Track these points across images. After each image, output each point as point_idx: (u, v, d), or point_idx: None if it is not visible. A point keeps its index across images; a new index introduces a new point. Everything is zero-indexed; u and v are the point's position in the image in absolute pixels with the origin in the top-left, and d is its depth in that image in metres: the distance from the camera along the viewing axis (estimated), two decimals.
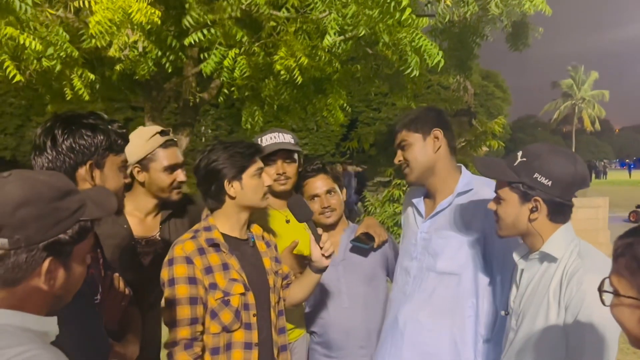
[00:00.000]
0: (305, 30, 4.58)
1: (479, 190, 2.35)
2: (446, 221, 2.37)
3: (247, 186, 2.17)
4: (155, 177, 2.38)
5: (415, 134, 2.37)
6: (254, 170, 2.19)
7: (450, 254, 2.34)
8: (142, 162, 2.37)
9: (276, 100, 5.83)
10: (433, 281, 2.37)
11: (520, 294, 1.95)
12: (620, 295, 1.20)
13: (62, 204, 1.21)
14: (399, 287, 2.49)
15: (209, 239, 2.13)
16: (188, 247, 2.08)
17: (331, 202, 2.73)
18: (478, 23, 6.56)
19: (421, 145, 2.36)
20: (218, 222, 2.20)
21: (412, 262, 2.45)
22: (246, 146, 2.22)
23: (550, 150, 1.87)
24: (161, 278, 2.10)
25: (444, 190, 2.39)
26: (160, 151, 2.39)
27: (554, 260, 1.85)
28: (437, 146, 2.35)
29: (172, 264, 2.07)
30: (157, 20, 3.90)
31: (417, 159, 2.36)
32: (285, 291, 2.39)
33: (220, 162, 2.15)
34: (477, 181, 2.40)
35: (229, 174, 2.15)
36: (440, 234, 2.37)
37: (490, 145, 10.13)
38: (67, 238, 1.21)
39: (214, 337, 2.08)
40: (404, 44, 4.17)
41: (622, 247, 1.20)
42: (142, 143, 2.37)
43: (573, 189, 1.87)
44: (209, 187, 2.18)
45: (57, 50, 4.10)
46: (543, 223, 1.86)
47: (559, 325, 1.78)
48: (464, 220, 2.34)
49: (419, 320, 2.38)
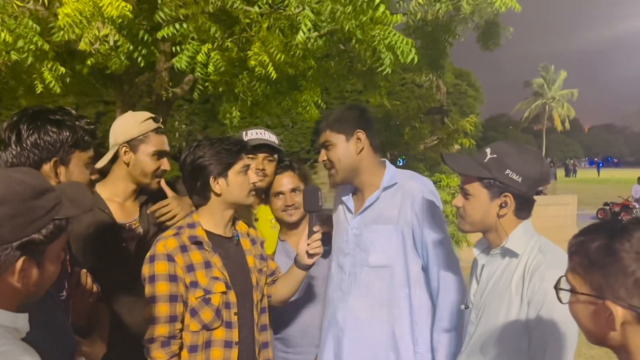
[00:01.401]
0: (279, 27, 4.58)
1: (403, 183, 2.41)
2: (375, 215, 2.43)
3: (233, 183, 2.17)
4: (142, 159, 2.37)
5: (338, 134, 2.40)
6: (239, 167, 2.19)
7: (381, 247, 2.40)
8: (131, 142, 2.35)
9: (250, 96, 5.81)
10: (367, 275, 2.42)
11: (481, 288, 1.99)
12: (576, 293, 1.24)
13: (38, 203, 1.21)
14: (335, 285, 2.52)
15: (192, 236, 2.12)
16: (170, 244, 2.07)
17: (295, 201, 2.75)
18: (450, 22, 6.62)
19: (344, 146, 2.40)
20: (202, 218, 2.19)
21: (345, 259, 2.49)
22: (232, 143, 2.21)
23: (520, 148, 1.93)
24: (142, 274, 2.09)
25: (371, 186, 2.45)
26: (152, 135, 2.38)
27: (515, 256, 1.89)
28: (360, 147, 2.40)
29: (153, 260, 2.06)
30: (128, 14, 3.86)
31: (340, 161, 2.40)
32: (271, 288, 2.39)
33: (206, 158, 2.14)
34: (401, 174, 2.47)
35: (215, 170, 2.14)
36: (370, 229, 2.42)
37: (462, 144, 10.27)
38: (41, 237, 1.21)
39: (193, 335, 2.08)
40: (377, 41, 4.19)
41: (575, 245, 1.24)
42: (135, 123, 2.36)
43: (538, 186, 1.93)
44: (195, 184, 2.17)
45: (27, 43, 4.03)
46: (509, 219, 1.91)
47: (521, 319, 1.82)
48: (391, 213, 2.40)
49: (357, 315, 2.43)
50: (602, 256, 1.17)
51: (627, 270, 1.13)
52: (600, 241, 1.18)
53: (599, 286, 1.18)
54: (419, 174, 2.56)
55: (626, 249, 1.14)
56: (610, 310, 1.15)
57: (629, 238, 1.14)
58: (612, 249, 1.16)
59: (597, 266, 1.17)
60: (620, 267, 1.14)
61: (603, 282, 1.17)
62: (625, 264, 1.13)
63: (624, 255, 1.14)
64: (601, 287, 1.17)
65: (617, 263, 1.14)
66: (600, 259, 1.17)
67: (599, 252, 1.18)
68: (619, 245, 1.15)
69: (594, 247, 1.19)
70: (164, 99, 6.07)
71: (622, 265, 1.13)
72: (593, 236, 1.21)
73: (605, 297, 1.16)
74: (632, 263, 1.12)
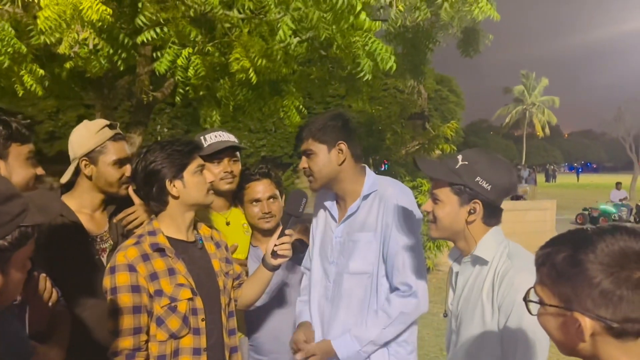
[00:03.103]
0: (259, 32, 4.59)
1: (381, 191, 2.45)
2: (356, 223, 2.46)
3: (190, 184, 2.12)
4: (104, 170, 2.32)
5: (320, 144, 2.41)
6: (194, 167, 2.14)
7: (361, 254, 2.43)
8: (90, 154, 2.31)
9: (232, 101, 5.80)
10: (348, 282, 2.45)
11: (457, 296, 2.02)
12: (544, 305, 1.24)
13: (3, 209, 1.18)
14: (320, 293, 2.54)
15: (154, 243, 2.07)
16: (131, 254, 2.02)
17: (272, 208, 2.76)
18: (431, 29, 6.68)
19: (326, 156, 2.41)
20: (162, 224, 2.14)
21: (330, 266, 2.52)
22: (184, 144, 2.17)
23: (491, 157, 1.96)
24: (103, 286, 2.03)
25: (352, 194, 2.48)
26: (110, 144, 2.33)
27: (485, 263, 1.91)
28: (342, 159, 2.42)
29: (114, 272, 2.00)
30: (108, 17, 3.85)
31: (321, 170, 2.42)
32: (237, 291, 2.36)
33: (159, 162, 2.09)
34: (381, 182, 2.50)
35: (169, 173, 2.10)
36: (352, 237, 2.46)
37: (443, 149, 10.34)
38: (6, 244, 1.18)
39: (161, 345, 2.03)
40: (356, 47, 4.22)
41: (542, 256, 1.25)
42: (91, 135, 2.31)
43: (506, 195, 1.96)
44: (150, 190, 2.12)
45: (5, 46, 3.99)
46: (477, 226, 1.93)
47: (494, 326, 1.84)
48: (370, 220, 2.43)
49: (342, 322, 2.45)
50: (568, 267, 1.17)
51: (593, 281, 1.13)
52: (566, 252, 1.19)
53: (567, 298, 1.18)
54: (399, 182, 2.59)
55: (591, 260, 1.14)
56: (578, 321, 1.16)
57: (593, 249, 1.15)
58: (577, 260, 1.16)
59: (564, 277, 1.18)
60: (586, 278, 1.14)
61: (571, 293, 1.17)
62: (591, 275, 1.13)
63: (589, 266, 1.14)
64: (569, 298, 1.17)
65: (583, 274, 1.14)
66: (567, 270, 1.17)
67: (565, 263, 1.18)
68: (583, 256, 1.15)
69: (560, 259, 1.19)
70: (144, 102, 6.04)
71: (587, 276, 1.14)
72: (558, 247, 1.21)
73: (573, 308, 1.16)
74: (598, 274, 1.13)
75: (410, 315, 2.38)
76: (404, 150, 10.77)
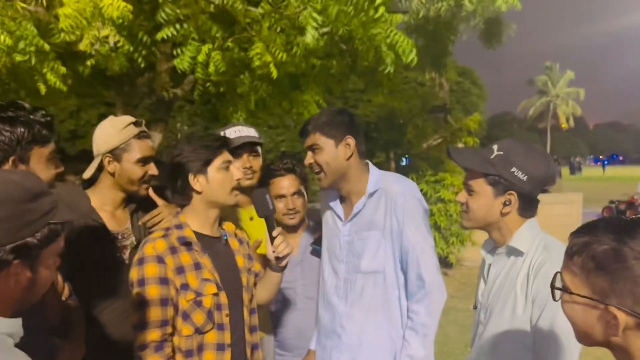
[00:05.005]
0: (280, 26, 4.56)
1: (386, 188, 2.40)
2: (363, 222, 2.42)
3: (213, 180, 2.10)
4: (127, 168, 2.31)
5: (328, 139, 2.37)
6: (220, 162, 2.11)
7: (371, 253, 2.39)
8: (114, 151, 2.29)
9: (253, 96, 5.80)
10: (361, 281, 2.42)
11: (488, 288, 1.97)
12: (574, 294, 1.20)
13: (33, 206, 1.18)
14: (330, 291, 2.52)
15: (181, 237, 2.06)
16: (159, 246, 2.00)
17: (296, 204, 2.72)
18: (452, 20, 6.60)
19: (333, 151, 2.37)
20: (188, 219, 2.13)
21: (340, 265, 2.49)
22: (212, 139, 2.14)
23: (527, 147, 1.90)
24: (130, 278, 2.02)
25: (357, 192, 2.44)
26: (134, 142, 2.31)
27: (521, 254, 1.86)
28: (349, 153, 2.37)
29: (143, 263, 1.99)
30: (129, 14, 3.86)
31: (329, 164, 2.37)
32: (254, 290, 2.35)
33: (185, 155, 2.08)
34: (385, 179, 2.45)
35: (194, 167, 2.07)
36: (360, 235, 2.42)
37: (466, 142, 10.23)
38: (35, 241, 1.17)
39: (187, 339, 2.02)
40: (378, 40, 4.18)
41: (578, 245, 1.19)
42: (116, 132, 2.29)
43: (543, 186, 1.90)
44: (175, 183, 2.11)
45: (27, 44, 4.03)
46: (513, 217, 1.88)
47: (526, 319, 1.79)
48: (378, 219, 2.40)
49: (356, 321, 2.43)
50: (610, 262, 1.12)
51: (638, 280, 1.09)
52: (608, 245, 1.13)
53: (602, 290, 1.14)
54: (402, 177, 2.54)
55: (636, 256, 1.09)
56: (612, 315, 1.12)
57: (638, 243, 1.10)
58: (621, 255, 1.11)
59: (604, 271, 1.13)
60: (630, 275, 1.10)
61: (608, 287, 1.13)
62: (636, 273, 1.09)
63: (633, 262, 1.10)
64: (604, 291, 1.13)
65: (627, 271, 1.10)
66: (608, 265, 1.13)
67: (606, 257, 1.13)
68: (628, 251, 1.10)
69: (601, 251, 1.14)
70: (165, 99, 6.06)
71: (632, 274, 1.10)
72: (599, 238, 1.16)
73: (608, 302, 1.13)
74: None
75: (438, 308, 2.36)
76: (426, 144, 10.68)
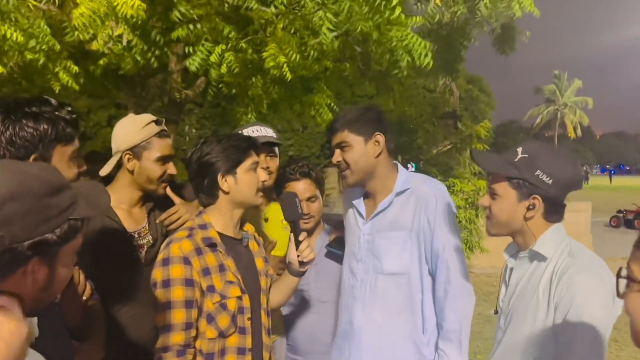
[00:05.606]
0: (294, 27, 4.53)
1: (417, 188, 2.34)
2: (387, 221, 2.35)
3: (242, 181, 2.06)
4: (147, 166, 2.27)
5: (357, 136, 2.31)
6: (249, 164, 2.08)
7: (395, 254, 2.32)
8: (134, 149, 2.26)
9: (265, 98, 5.77)
10: (383, 283, 2.34)
11: (510, 293, 1.92)
12: None
13: (52, 201, 1.13)
14: (347, 292, 2.45)
15: (206, 238, 2.01)
16: (185, 247, 1.95)
17: (312, 209, 2.68)
18: (465, 25, 6.56)
19: (362, 148, 2.31)
20: (212, 219, 2.09)
21: (357, 265, 2.41)
22: (241, 139, 2.11)
23: (552, 150, 1.85)
24: (152, 278, 1.96)
25: (383, 190, 2.37)
26: (155, 140, 2.28)
27: (544, 259, 1.81)
28: (379, 151, 2.31)
29: (168, 263, 1.93)
30: (142, 13, 3.83)
31: (357, 163, 2.31)
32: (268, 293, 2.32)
33: (214, 155, 2.04)
34: (414, 179, 2.39)
35: (223, 167, 2.04)
36: (383, 235, 2.35)
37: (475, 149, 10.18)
38: (54, 238, 1.12)
39: (210, 343, 1.97)
40: (394, 42, 4.13)
41: None
42: (137, 130, 2.26)
43: (569, 190, 1.84)
44: (202, 182, 2.07)
45: (39, 43, 4.01)
46: (538, 222, 1.82)
47: (548, 324, 1.74)
48: (405, 219, 2.32)
49: (376, 323, 2.35)
50: None
51: None
52: None
53: None
54: (432, 178, 2.49)
55: None
56: None
57: None
58: None
59: None
60: None
61: None
62: None
63: None
64: None
65: None
66: None
67: None
68: None
69: None
70: (178, 100, 6.04)
71: None
72: None
73: None
74: None
75: (469, 313, 2.31)
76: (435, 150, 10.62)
